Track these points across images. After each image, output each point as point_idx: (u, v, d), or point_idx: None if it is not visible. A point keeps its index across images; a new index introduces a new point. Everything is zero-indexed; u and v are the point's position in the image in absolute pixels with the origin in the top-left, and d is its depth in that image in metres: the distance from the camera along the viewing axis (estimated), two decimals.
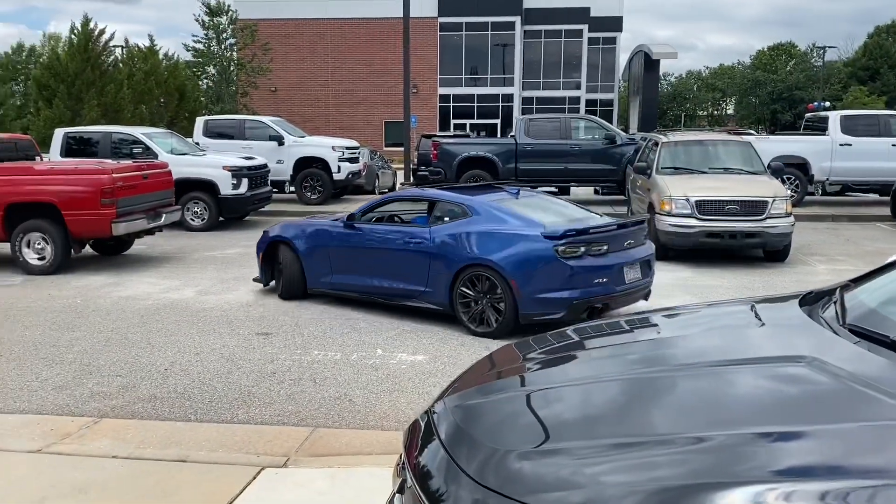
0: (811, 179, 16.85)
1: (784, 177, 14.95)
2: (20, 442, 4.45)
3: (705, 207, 10.46)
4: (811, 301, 2.66)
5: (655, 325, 2.93)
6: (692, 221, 10.46)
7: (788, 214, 10.55)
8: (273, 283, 8.76)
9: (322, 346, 6.61)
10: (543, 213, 7.36)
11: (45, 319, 7.64)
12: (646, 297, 7.40)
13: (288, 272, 8.41)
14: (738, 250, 11.22)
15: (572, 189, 20.27)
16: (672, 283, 9.44)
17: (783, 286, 9.23)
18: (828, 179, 17.04)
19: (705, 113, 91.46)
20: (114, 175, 10.06)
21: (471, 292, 7.00)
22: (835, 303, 2.52)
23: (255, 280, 8.98)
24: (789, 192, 12.62)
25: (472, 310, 7.01)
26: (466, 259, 6.97)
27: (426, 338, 6.88)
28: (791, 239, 10.74)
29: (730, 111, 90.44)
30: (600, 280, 6.68)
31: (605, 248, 6.82)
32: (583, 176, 17.61)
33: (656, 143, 12.57)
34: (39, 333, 7.09)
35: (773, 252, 10.86)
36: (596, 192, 20.34)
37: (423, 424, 2.32)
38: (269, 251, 8.65)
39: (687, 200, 10.52)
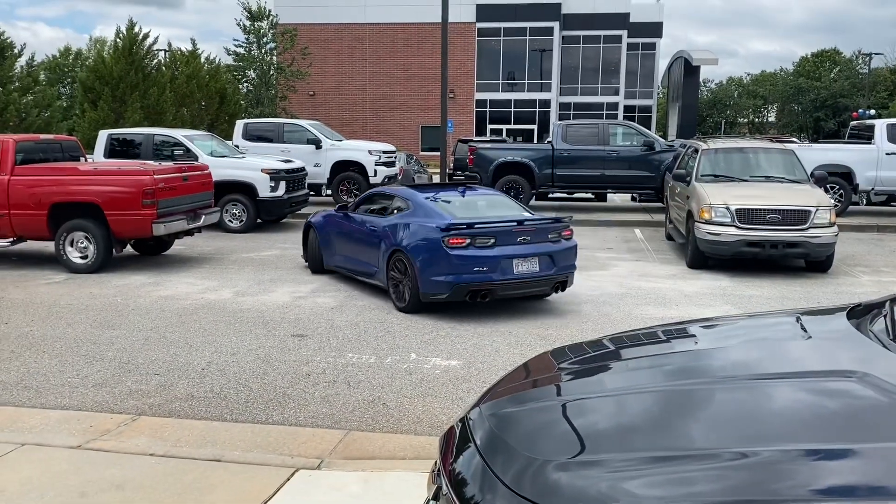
0: (856, 189, 16.47)
1: (828, 186, 14.64)
2: (61, 437, 4.53)
3: (746, 216, 10.28)
4: (859, 314, 2.58)
5: (695, 335, 2.87)
6: (732, 230, 10.28)
7: (832, 224, 10.32)
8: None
9: (356, 349, 6.63)
10: (466, 209, 8.40)
11: (86, 317, 7.79)
12: (557, 290, 8.20)
13: (311, 251, 10.34)
14: (778, 260, 11.01)
15: (609, 196, 20.13)
16: (711, 292, 9.29)
17: (825, 297, 9.02)
18: (873, 189, 16.62)
19: (746, 120, 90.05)
20: (155, 176, 10.24)
21: (397, 274, 8.19)
22: (884, 316, 2.44)
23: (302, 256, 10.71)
24: (833, 201, 12.34)
25: (398, 289, 8.18)
26: (393, 245, 8.25)
27: (460, 343, 6.86)
28: (834, 249, 10.50)
29: (771, 119, 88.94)
30: (480, 269, 7.60)
31: (492, 241, 7.71)
32: (620, 182, 17.46)
33: (696, 151, 12.39)
34: (81, 331, 7.23)
35: (815, 262, 10.63)
36: (633, 199, 20.15)
37: (458, 431, 2.30)
38: (305, 232, 10.57)
39: (727, 209, 10.36)
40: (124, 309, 8.20)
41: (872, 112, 48.04)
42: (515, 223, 7.90)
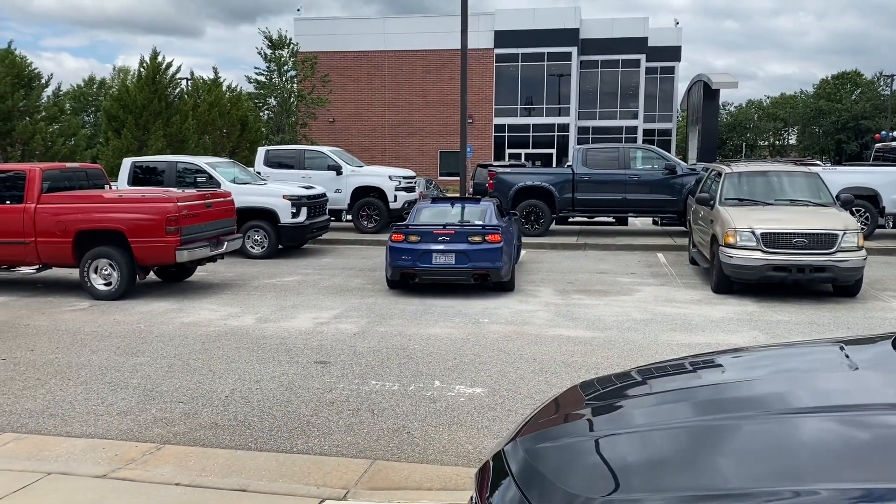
0: (882, 212, 16.25)
1: (853, 209, 14.45)
2: (86, 466, 4.51)
3: (772, 240, 10.15)
4: None
5: (730, 366, 2.77)
6: (758, 254, 10.15)
7: (860, 248, 10.16)
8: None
9: (379, 376, 6.58)
10: (434, 216, 11.09)
11: (110, 344, 7.81)
12: (475, 280, 10.41)
13: None
14: (806, 285, 10.84)
15: (630, 220, 20.01)
16: (738, 317, 9.16)
17: (856, 323, 8.85)
18: None
19: (766, 143, 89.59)
20: (179, 203, 10.32)
21: (384, 261, 11.10)
22: None
23: None
24: (859, 224, 12.15)
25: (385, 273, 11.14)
26: None
27: (484, 370, 6.79)
28: (862, 273, 10.33)
29: (792, 141, 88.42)
30: (406, 258, 10.36)
31: (418, 238, 10.36)
32: (642, 206, 17.36)
33: (719, 174, 12.29)
34: (105, 358, 7.24)
35: (843, 287, 10.45)
36: (655, 222, 20.01)
37: (493, 465, 2.24)
38: None
39: (752, 233, 10.24)
40: (148, 336, 8.22)
41: (895, 134, 47.56)
42: (441, 226, 10.46)
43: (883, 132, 46.66)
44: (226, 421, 5.45)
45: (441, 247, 10.31)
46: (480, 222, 10.84)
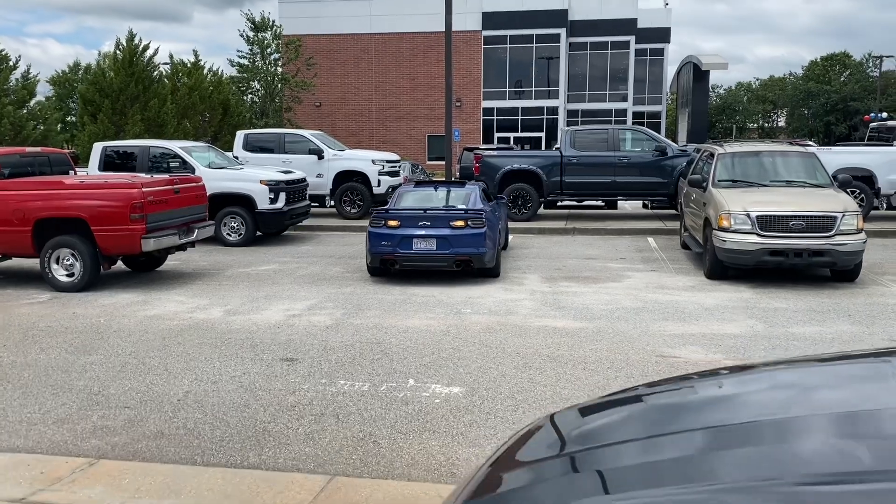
0: (877, 193, 15.81)
1: (848, 190, 13.99)
2: (4, 488, 3.98)
3: (767, 223, 9.67)
4: None
5: (761, 389, 2.04)
6: (753, 238, 9.68)
7: (860, 231, 9.70)
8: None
9: (349, 375, 6.07)
10: (416, 201, 10.79)
11: (63, 341, 7.27)
12: (457, 266, 9.93)
13: None
14: (803, 269, 10.39)
15: (620, 203, 19.53)
16: (733, 304, 8.69)
17: (857, 310, 8.39)
18: (895, 193, 15.97)
19: (756, 125, 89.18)
20: (144, 189, 9.74)
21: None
22: None
23: None
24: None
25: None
26: None
27: (463, 366, 6.29)
28: (862, 257, 9.88)
29: (781, 123, 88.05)
30: (386, 244, 9.94)
31: (398, 223, 9.96)
32: (631, 189, 16.85)
33: (712, 155, 11.79)
34: (54, 357, 6.70)
35: (842, 272, 10.00)
36: (645, 206, 19.54)
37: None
38: None
39: (747, 216, 9.75)
40: (106, 331, 7.67)
41: (885, 115, 47.21)
42: (421, 211, 10.06)
43: (872, 113, 46.29)
44: (173, 430, 4.93)
45: (422, 232, 9.89)
46: (463, 206, 10.43)
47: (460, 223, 9.87)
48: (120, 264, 11.12)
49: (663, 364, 6.32)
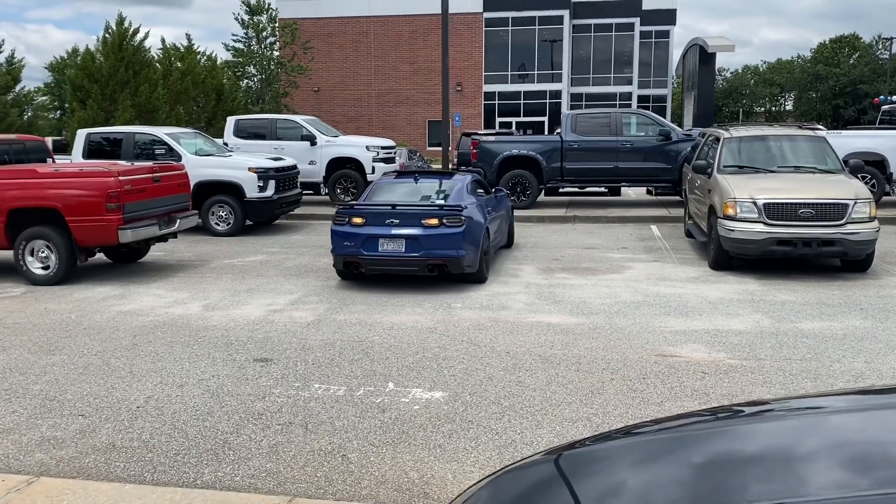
0: (889, 178, 15.28)
1: (859, 175, 13.48)
2: None
3: (775, 211, 9.21)
4: None
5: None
6: (760, 227, 9.21)
7: (872, 219, 9.22)
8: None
9: (325, 378, 5.65)
10: (391, 194, 9.44)
11: (28, 339, 6.87)
12: (430, 271, 8.63)
13: None
14: (812, 259, 9.93)
15: (623, 190, 19.05)
16: (738, 297, 8.24)
17: (869, 303, 7.94)
18: None
19: (763, 109, 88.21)
20: (120, 178, 9.31)
21: None
22: None
23: None
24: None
25: None
26: None
27: (448, 367, 5.87)
28: (874, 247, 9.41)
29: (788, 107, 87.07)
30: (349, 244, 8.69)
31: (363, 221, 8.67)
32: (634, 175, 16.36)
33: (717, 139, 11.30)
34: (15, 357, 6.30)
35: (853, 262, 9.54)
36: (649, 192, 19.06)
37: None
38: None
39: (754, 203, 9.29)
40: (75, 328, 7.27)
41: (894, 98, 46.47)
42: (388, 207, 8.74)
43: (881, 96, 45.55)
44: (126, 441, 4.52)
45: (389, 231, 8.57)
46: (442, 201, 9.16)
47: (433, 221, 8.55)
48: (101, 256, 10.74)
49: (663, 364, 5.89)
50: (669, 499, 1.47)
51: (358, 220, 8.71)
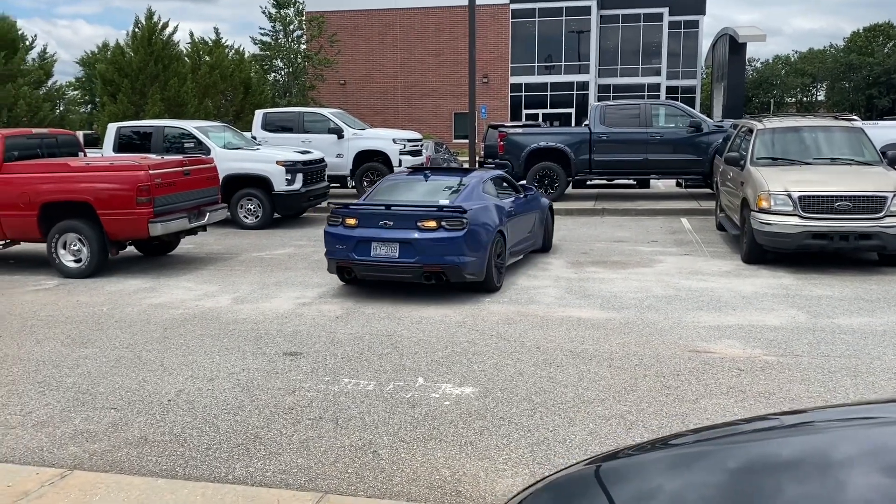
0: None
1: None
2: None
3: (810, 204, 9.01)
4: None
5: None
6: (795, 220, 9.02)
7: None
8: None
9: (355, 372, 5.63)
10: (394, 193, 8.70)
11: (61, 332, 6.94)
12: (428, 279, 7.85)
13: None
14: (848, 254, 9.71)
15: (652, 182, 18.82)
16: (772, 292, 8.08)
17: None
18: None
19: (794, 100, 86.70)
20: (151, 172, 9.37)
21: None
22: None
23: None
24: None
25: None
26: None
27: (478, 362, 5.81)
28: None
29: (821, 97, 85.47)
30: (341, 247, 8.01)
31: (356, 222, 7.99)
32: (664, 167, 16.12)
33: (750, 131, 11.09)
34: (49, 350, 6.37)
35: (891, 256, 9.30)
36: (678, 184, 18.79)
37: None
38: None
39: (788, 196, 9.10)
40: (107, 321, 7.33)
41: None
42: (383, 207, 8.02)
43: None
44: (158, 435, 4.54)
45: (383, 234, 7.81)
46: (446, 201, 8.19)
47: (431, 224, 7.70)
48: (132, 249, 10.83)
49: (697, 360, 5.78)
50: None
51: (351, 221, 8.02)
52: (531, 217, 9.80)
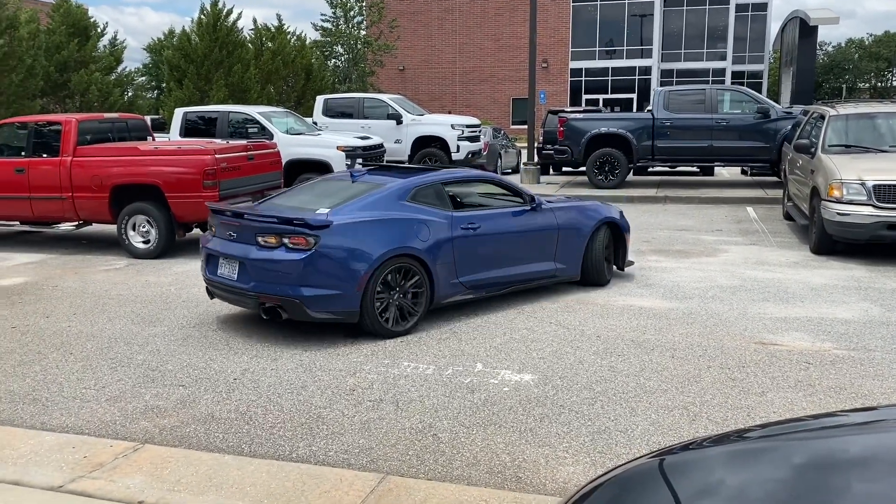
0: None
1: None
2: (44, 473, 3.78)
3: (886, 193, 8.66)
4: None
5: None
6: (868, 210, 8.69)
7: None
8: None
9: (414, 356, 5.67)
10: (285, 198, 6.98)
11: (132, 311, 7.17)
12: (266, 314, 6.12)
13: None
14: None
15: (717, 169, 18.38)
16: (843, 284, 7.81)
17: None
18: None
19: (867, 85, 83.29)
20: (217, 156, 9.59)
21: None
22: None
23: None
24: None
25: None
26: None
27: (536, 350, 5.79)
28: None
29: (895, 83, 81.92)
30: (204, 262, 6.59)
31: (213, 231, 6.60)
32: (730, 154, 15.72)
33: (822, 117, 10.70)
34: (120, 327, 6.59)
35: None
36: (744, 172, 18.32)
37: None
38: None
39: (862, 185, 8.76)
40: (174, 301, 7.55)
41: None
42: (231, 216, 6.31)
43: None
44: (225, 412, 4.66)
45: (229, 249, 6.22)
46: (325, 210, 6.09)
47: (271, 240, 5.91)
48: (197, 231, 11.10)
49: (763, 353, 5.64)
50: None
51: (212, 230, 6.63)
52: (534, 237, 7.22)
